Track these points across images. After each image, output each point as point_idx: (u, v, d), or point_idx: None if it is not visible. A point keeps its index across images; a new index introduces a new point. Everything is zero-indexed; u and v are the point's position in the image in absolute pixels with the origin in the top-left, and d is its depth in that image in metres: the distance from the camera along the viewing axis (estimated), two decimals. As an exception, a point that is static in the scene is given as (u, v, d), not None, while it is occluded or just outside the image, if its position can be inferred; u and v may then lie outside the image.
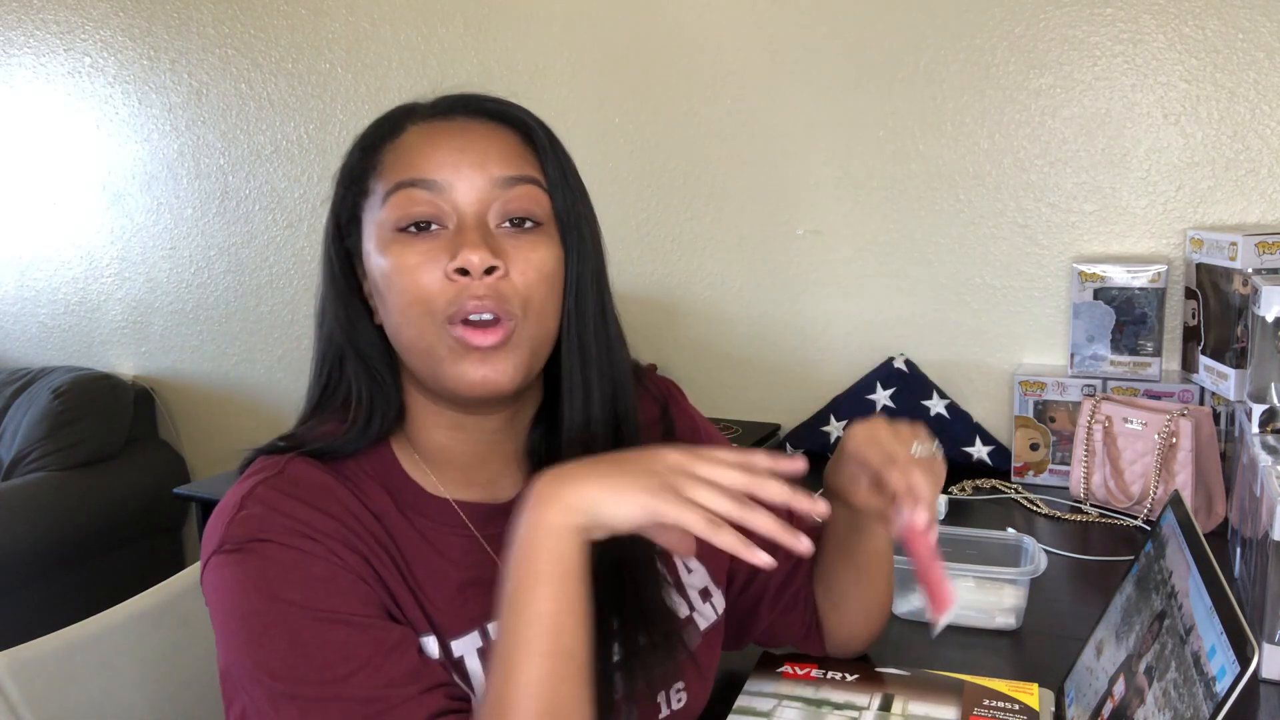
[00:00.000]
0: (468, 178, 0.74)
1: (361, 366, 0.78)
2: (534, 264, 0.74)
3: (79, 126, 2.66)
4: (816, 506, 0.75)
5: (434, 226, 0.74)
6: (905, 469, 0.80)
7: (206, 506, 2.03)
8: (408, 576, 0.74)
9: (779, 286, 1.95)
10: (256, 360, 2.58)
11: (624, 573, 0.80)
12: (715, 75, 1.93)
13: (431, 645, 0.74)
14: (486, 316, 0.72)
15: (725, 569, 0.95)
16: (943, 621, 0.78)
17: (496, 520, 0.79)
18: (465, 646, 0.75)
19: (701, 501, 0.66)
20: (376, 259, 0.75)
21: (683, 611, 0.87)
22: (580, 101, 2.04)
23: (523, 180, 0.76)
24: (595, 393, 0.80)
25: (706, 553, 0.92)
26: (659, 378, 0.99)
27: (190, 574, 1.10)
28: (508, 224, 0.75)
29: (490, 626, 0.77)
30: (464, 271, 0.71)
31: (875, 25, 1.79)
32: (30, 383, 2.65)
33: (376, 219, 0.75)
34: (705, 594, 0.91)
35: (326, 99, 2.34)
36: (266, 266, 2.50)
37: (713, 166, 1.97)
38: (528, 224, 0.76)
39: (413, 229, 0.74)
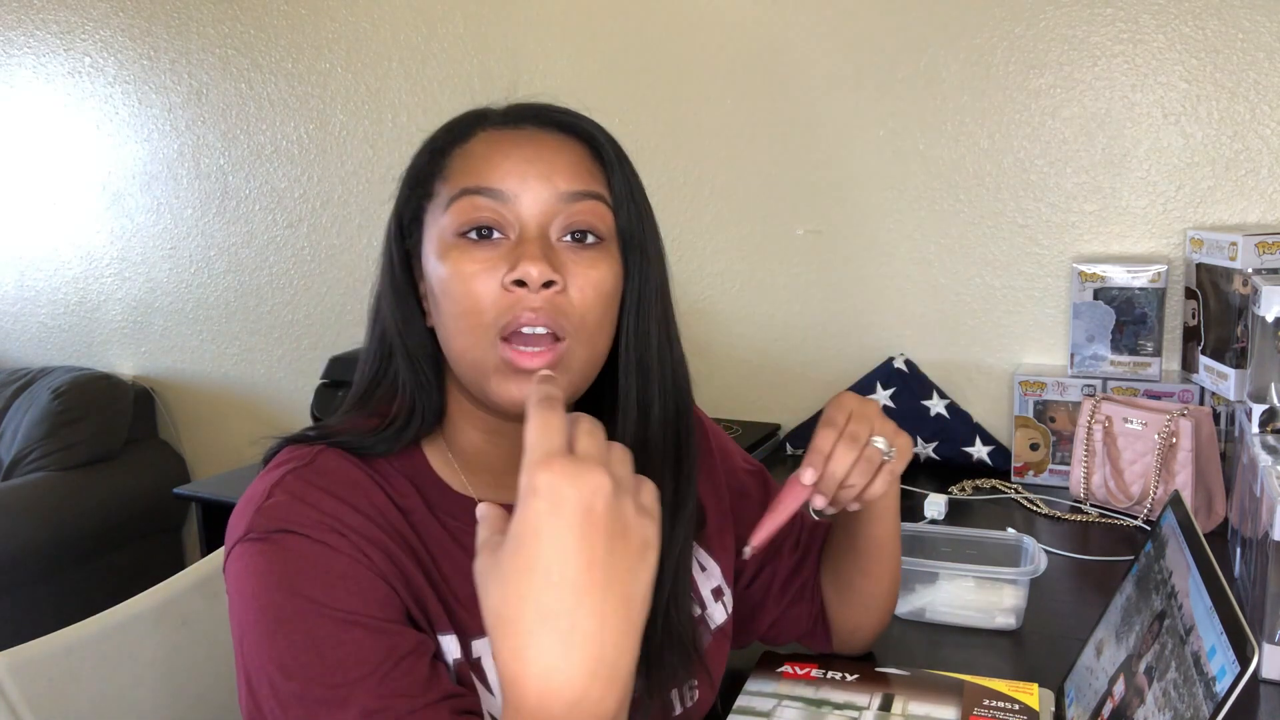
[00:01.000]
0: (533, 189, 0.73)
1: (409, 367, 0.78)
2: (593, 281, 0.74)
3: (79, 126, 2.66)
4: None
5: (495, 235, 0.73)
6: (835, 436, 0.81)
7: (206, 506, 2.03)
8: (432, 574, 0.74)
9: (779, 286, 1.95)
10: (256, 360, 2.58)
11: None
12: (715, 75, 1.93)
13: (452, 644, 0.74)
14: (540, 330, 0.71)
15: (733, 567, 0.96)
16: (747, 552, 0.84)
17: None
18: (484, 647, 0.75)
19: None
20: (434, 263, 0.74)
21: (694, 611, 0.88)
22: (580, 102, 2.02)
23: (588, 195, 0.75)
24: (655, 412, 0.79)
25: (720, 551, 0.93)
26: None
27: (190, 574, 1.10)
28: (569, 238, 0.74)
29: None
30: (521, 283, 0.71)
31: (875, 25, 1.79)
32: (30, 383, 2.65)
33: (438, 223, 0.75)
34: (718, 593, 0.92)
35: (326, 99, 2.34)
36: (266, 266, 2.50)
37: (713, 166, 1.97)
38: (590, 239, 0.75)
39: (473, 235, 0.73)
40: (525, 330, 0.71)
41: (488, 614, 0.49)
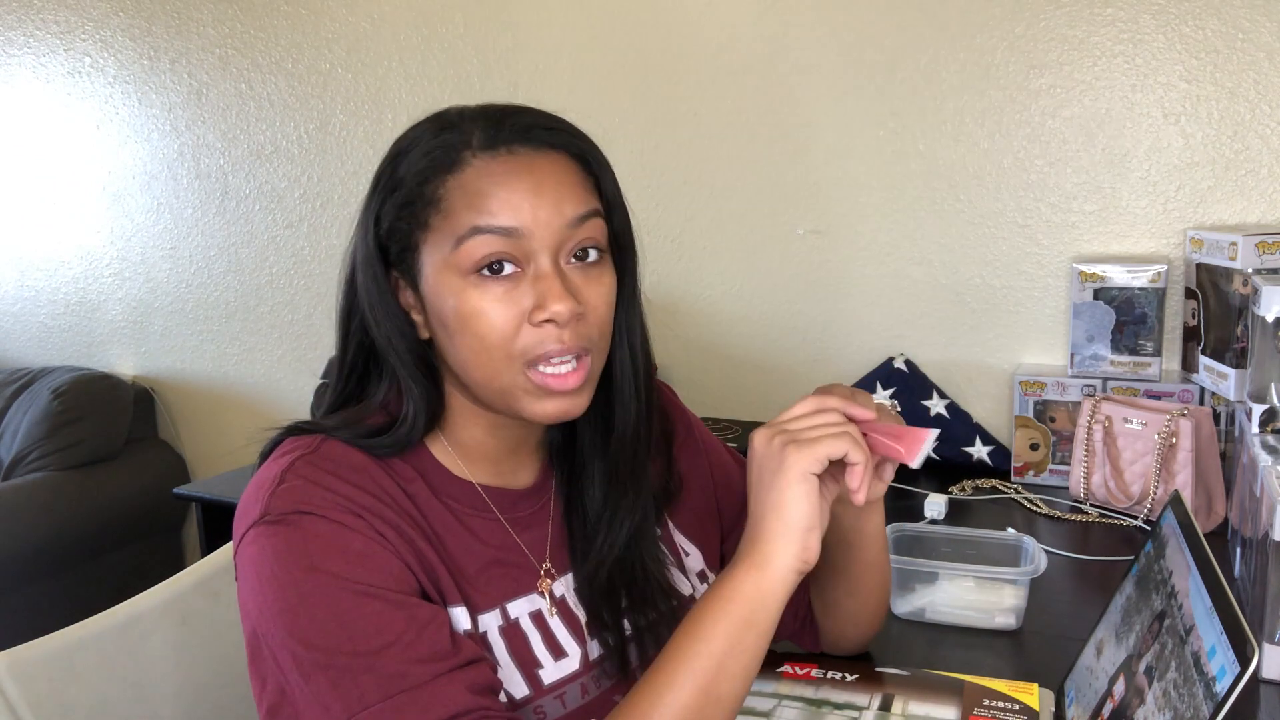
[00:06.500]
0: (545, 223, 0.74)
1: (412, 380, 0.79)
2: (603, 297, 0.77)
3: (79, 126, 2.66)
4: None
5: (508, 267, 0.74)
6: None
7: (206, 506, 2.03)
8: (440, 550, 0.77)
9: (779, 286, 1.95)
10: (256, 360, 2.58)
11: (633, 552, 0.84)
12: (715, 75, 1.93)
13: (462, 616, 0.76)
14: (569, 359, 0.75)
15: (717, 554, 0.97)
16: (921, 455, 0.74)
17: (519, 505, 0.84)
18: (489, 622, 0.78)
19: (819, 433, 0.72)
20: (446, 298, 0.75)
21: (685, 589, 0.90)
22: (580, 102, 2.04)
23: (590, 215, 0.77)
24: (645, 394, 0.84)
25: (701, 538, 0.95)
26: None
27: (191, 573, 1.10)
28: (573, 259, 0.76)
29: (510, 606, 0.80)
30: (550, 320, 0.73)
31: (875, 25, 1.79)
32: (30, 383, 2.65)
33: (444, 258, 0.75)
34: (702, 576, 0.94)
35: (326, 99, 2.34)
36: (266, 266, 2.50)
37: (713, 166, 1.97)
38: (592, 255, 0.77)
39: (486, 271, 0.74)
40: (554, 360, 0.74)
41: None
